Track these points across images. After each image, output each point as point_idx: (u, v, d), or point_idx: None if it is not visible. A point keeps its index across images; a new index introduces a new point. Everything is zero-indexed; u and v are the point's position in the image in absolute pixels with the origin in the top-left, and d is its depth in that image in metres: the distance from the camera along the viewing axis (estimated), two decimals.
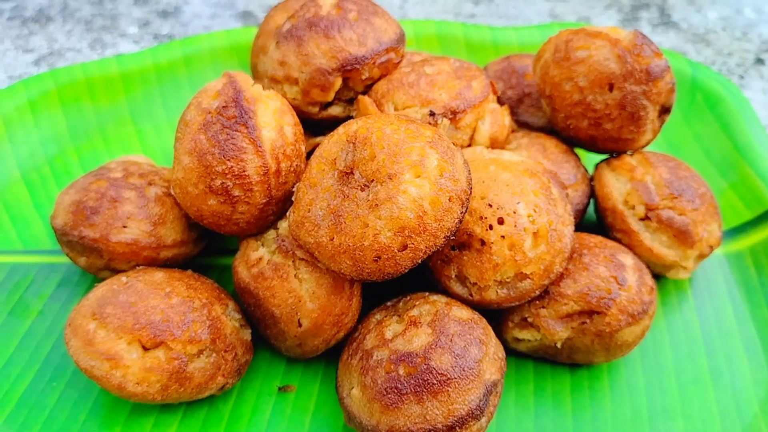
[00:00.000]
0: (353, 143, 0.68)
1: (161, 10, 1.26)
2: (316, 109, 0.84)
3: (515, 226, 0.70)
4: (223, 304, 0.74)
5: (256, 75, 1.02)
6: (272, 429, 0.74)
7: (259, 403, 0.77)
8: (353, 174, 0.67)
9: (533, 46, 1.13)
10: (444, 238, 0.65)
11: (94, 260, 0.77)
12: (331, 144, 0.70)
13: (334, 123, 0.87)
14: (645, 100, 0.82)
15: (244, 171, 0.70)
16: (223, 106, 0.72)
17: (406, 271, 0.65)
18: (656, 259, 0.83)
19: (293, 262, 0.73)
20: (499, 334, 0.79)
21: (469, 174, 0.68)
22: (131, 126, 1.03)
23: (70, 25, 1.22)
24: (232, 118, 0.71)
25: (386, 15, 0.86)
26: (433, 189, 0.63)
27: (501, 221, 0.70)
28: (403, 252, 0.64)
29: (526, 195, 0.72)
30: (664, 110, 0.85)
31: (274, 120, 0.73)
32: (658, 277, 0.88)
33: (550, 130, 0.95)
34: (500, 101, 0.98)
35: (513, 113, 0.98)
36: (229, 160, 0.70)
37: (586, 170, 0.90)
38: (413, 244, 0.63)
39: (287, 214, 0.73)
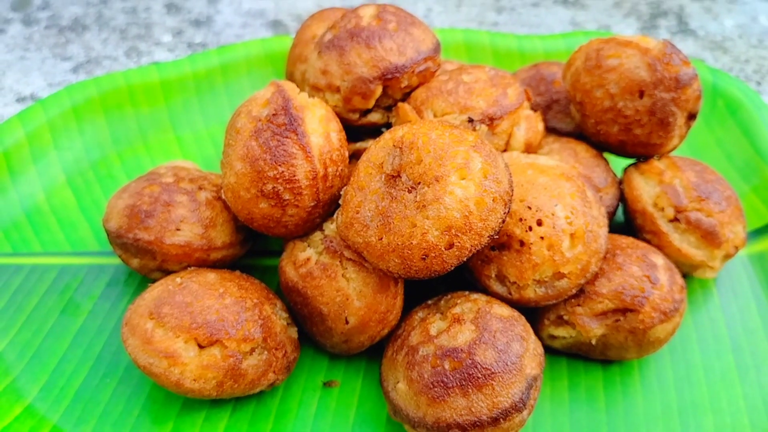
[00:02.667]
0: (400, 148, 0.71)
1: (194, 20, 1.30)
2: (356, 116, 0.87)
3: (554, 227, 0.73)
4: (272, 303, 0.77)
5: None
6: (318, 423, 0.77)
7: (305, 398, 0.80)
8: (400, 177, 0.70)
9: (558, 54, 1.16)
10: (488, 237, 0.68)
11: (147, 261, 0.80)
12: (378, 149, 0.74)
13: (373, 129, 0.91)
14: (674, 107, 0.85)
15: (294, 176, 0.73)
16: (273, 114, 0.75)
17: (452, 269, 0.69)
18: (684, 259, 0.86)
19: (341, 262, 0.76)
20: (536, 332, 0.82)
21: (510, 176, 0.71)
22: (171, 132, 1.07)
23: (106, 34, 1.26)
24: (282, 125, 0.74)
25: (423, 25, 0.90)
26: (478, 190, 0.66)
27: (540, 223, 0.73)
28: (450, 250, 0.67)
29: (563, 198, 0.75)
30: (691, 116, 0.88)
31: (321, 127, 0.76)
32: (684, 276, 0.91)
33: (578, 135, 0.98)
34: (533, 108, 1.01)
35: (542, 119, 1.01)
36: (280, 165, 0.73)
37: (615, 174, 0.93)
38: (459, 242, 0.67)
39: (335, 215, 0.76)
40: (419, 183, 0.68)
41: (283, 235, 0.80)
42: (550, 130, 1.01)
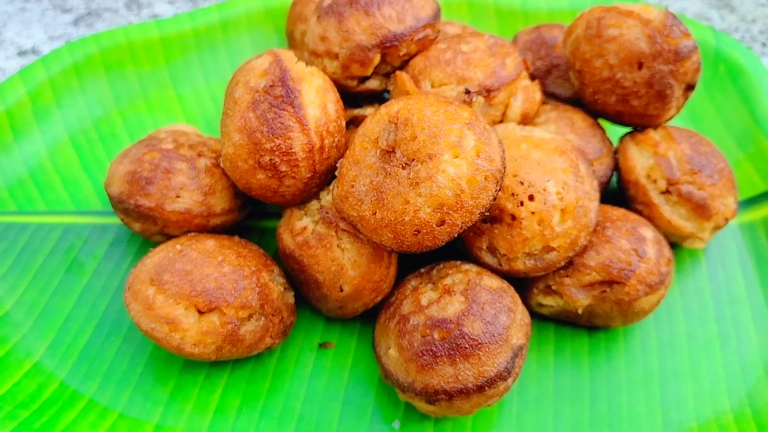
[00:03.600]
0: (395, 123, 0.72)
1: None
2: (354, 83, 0.87)
3: (545, 203, 0.75)
4: (270, 270, 0.80)
5: (292, 43, 1.06)
6: (313, 382, 0.81)
7: (301, 358, 0.83)
8: (395, 153, 0.71)
9: (562, 14, 1.15)
10: (479, 213, 0.70)
11: (149, 226, 0.83)
12: (373, 124, 0.74)
13: (371, 95, 0.91)
14: (672, 79, 0.85)
15: (291, 148, 0.75)
16: (270, 85, 0.75)
17: (443, 244, 0.71)
18: (674, 230, 0.87)
19: (336, 232, 0.78)
20: (525, 300, 0.85)
21: (503, 153, 0.72)
22: (172, 90, 1.07)
23: None
24: (279, 97, 0.75)
25: None
26: (471, 168, 0.68)
27: (531, 198, 0.75)
28: (441, 227, 0.69)
29: (555, 173, 0.76)
30: (689, 87, 0.88)
31: (317, 98, 0.77)
32: (673, 245, 0.93)
33: (576, 101, 0.99)
34: (533, 75, 1.01)
35: (541, 84, 1.01)
36: (277, 138, 0.74)
37: (611, 143, 0.94)
38: (450, 219, 0.68)
39: (331, 187, 0.78)
40: (413, 160, 0.69)
41: (280, 203, 0.82)
42: (549, 95, 1.01)
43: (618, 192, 0.96)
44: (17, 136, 0.99)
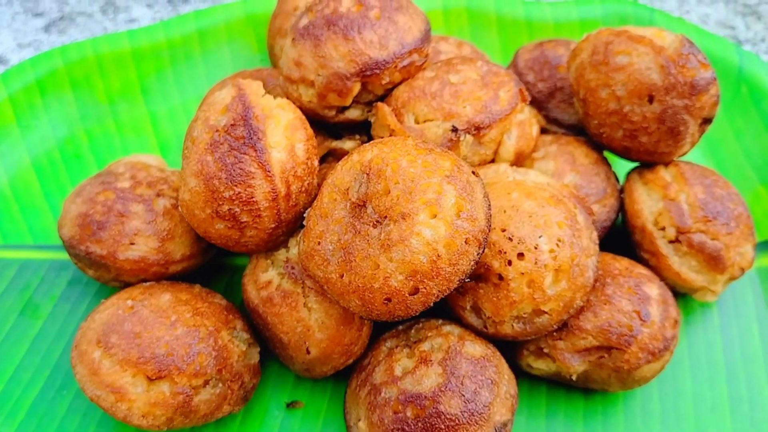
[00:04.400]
0: (367, 174, 0.64)
1: None
2: (332, 113, 0.79)
3: (536, 262, 0.66)
4: (231, 327, 0.72)
5: (273, 58, 0.97)
6: None
7: (267, 420, 0.76)
8: (366, 207, 0.63)
9: (570, 25, 1.05)
10: (458, 281, 0.62)
11: (102, 273, 0.76)
12: (344, 172, 0.66)
13: (352, 125, 0.83)
14: (686, 115, 0.76)
15: (252, 197, 0.67)
16: (232, 125, 0.68)
17: (418, 313, 0.63)
18: (683, 284, 0.79)
19: (302, 290, 0.70)
20: (513, 359, 0.77)
21: (489, 209, 0.64)
22: (143, 108, 0.99)
23: None
24: (240, 138, 0.67)
25: (411, 8, 0.80)
26: (449, 231, 0.60)
27: (521, 256, 0.67)
28: (415, 296, 0.61)
29: (549, 227, 0.68)
30: (706, 121, 0.79)
31: (285, 138, 0.69)
32: (683, 295, 0.84)
33: (581, 128, 0.90)
34: (532, 97, 0.92)
35: (543, 108, 0.92)
36: (236, 185, 0.66)
37: (617, 179, 0.85)
38: (425, 288, 0.61)
39: (298, 239, 0.70)
40: (385, 217, 0.61)
41: (245, 252, 0.74)
42: (552, 121, 0.92)
43: (623, 233, 0.87)
44: None
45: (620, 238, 0.85)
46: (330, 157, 0.84)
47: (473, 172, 0.66)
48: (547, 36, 1.05)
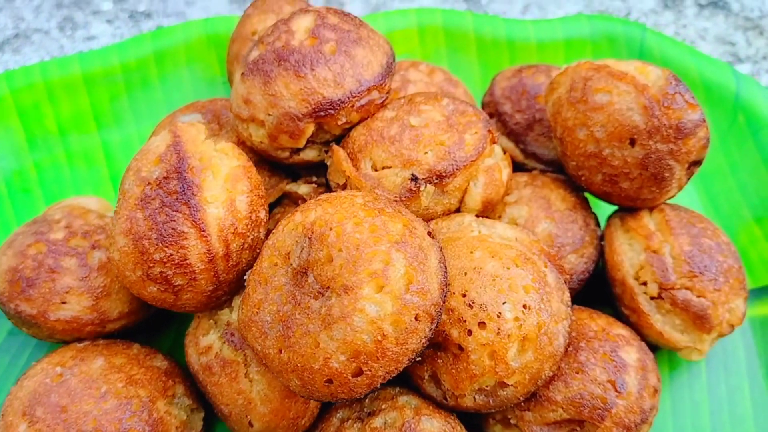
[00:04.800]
0: (309, 237, 0.58)
1: None
2: (286, 154, 0.73)
3: (498, 332, 0.60)
4: (169, 395, 0.67)
5: (233, 86, 0.90)
6: None
7: None
8: (307, 276, 0.57)
9: (554, 45, 0.97)
10: (408, 360, 0.56)
11: (36, 332, 0.70)
12: (285, 234, 0.60)
13: (309, 165, 0.76)
14: (671, 160, 0.69)
15: (185, 259, 0.61)
16: (165, 177, 0.61)
17: (362, 395, 0.57)
18: (666, 343, 0.72)
19: (244, 359, 0.64)
20: (479, 426, 0.71)
21: (445, 276, 0.58)
22: (96, 137, 0.92)
23: (39, 0, 1.09)
24: (173, 193, 0.61)
25: (372, 40, 0.73)
26: (397, 306, 0.54)
27: (482, 325, 0.60)
28: (358, 378, 0.55)
29: (514, 291, 0.61)
30: (694, 164, 0.72)
31: (224, 192, 0.63)
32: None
33: (560, 165, 0.83)
34: (508, 129, 0.85)
35: (520, 141, 0.85)
36: (168, 246, 0.60)
37: (596, 226, 0.78)
38: (370, 370, 0.55)
39: (238, 303, 0.64)
40: (327, 288, 0.55)
41: (185, 312, 0.68)
42: (530, 156, 0.85)
43: (604, 280, 0.80)
44: None
45: (600, 287, 0.79)
46: (286, 200, 0.78)
47: (429, 233, 0.59)
48: (529, 57, 0.97)
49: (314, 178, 0.77)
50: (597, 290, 0.79)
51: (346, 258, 0.55)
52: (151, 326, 0.80)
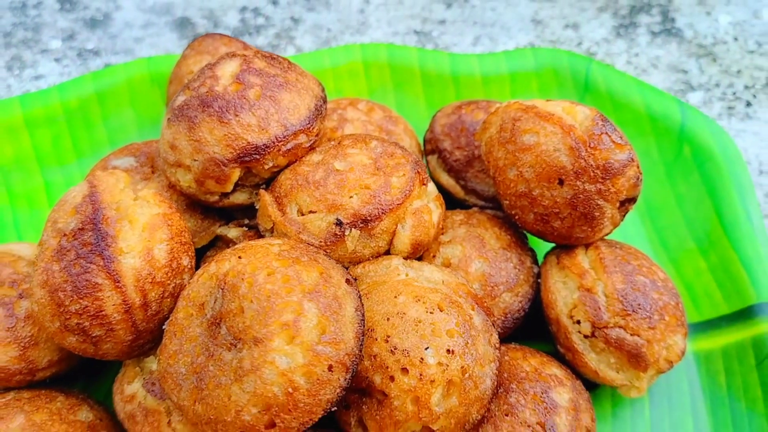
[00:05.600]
0: (222, 289, 0.57)
1: (89, 18, 1.12)
2: (215, 198, 0.72)
3: (420, 377, 0.59)
4: None
5: (162, 130, 0.90)
6: None
7: None
8: (221, 327, 0.56)
9: (499, 78, 0.97)
10: (323, 411, 0.55)
11: None
12: (199, 285, 0.60)
13: (242, 207, 0.76)
14: (600, 200, 0.69)
15: (101, 310, 0.60)
16: (80, 229, 0.61)
17: None
18: (603, 382, 0.72)
19: (166, 408, 0.63)
20: None
21: (362, 325, 0.57)
22: (39, 177, 0.92)
23: None
24: (87, 245, 0.60)
25: (300, 83, 0.73)
26: (308, 358, 0.53)
27: (405, 371, 0.59)
28: (271, 430, 0.54)
29: (438, 336, 0.60)
30: (628, 200, 0.72)
31: (141, 242, 0.62)
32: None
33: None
34: (448, 165, 0.85)
35: (461, 178, 0.85)
36: (82, 298, 0.59)
37: (533, 260, 0.78)
38: (282, 422, 0.54)
39: (157, 353, 0.63)
40: (239, 340, 0.55)
41: (110, 359, 0.67)
42: (470, 192, 0.85)
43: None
44: None
45: (541, 323, 0.78)
46: (220, 242, 0.77)
47: (347, 281, 0.59)
48: (475, 91, 0.97)
49: (246, 221, 0.77)
50: (538, 327, 0.78)
51: (257, 309, 0.54)
52: (89, 370, 0.79)
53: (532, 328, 0.78)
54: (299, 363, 0.53)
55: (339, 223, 0.66)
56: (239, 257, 0.59)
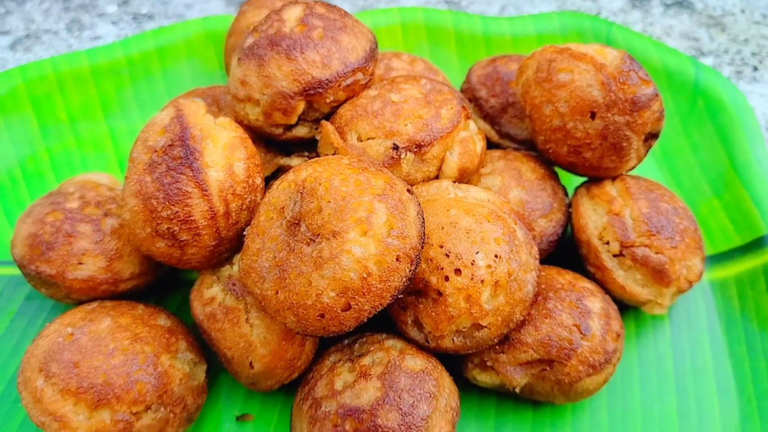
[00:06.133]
0: (301, 192, 0.65)
1: None
2: (279, 130, 0.80)
3: (472, 278, 0.67)
4: (172, 350, 0.73)
5: (231, 70, 0.98)
6: None
7: None
8: (300, 226, 0.64)
9: (527, 39, 1.06)
10: (391, 297, 0.62)
11: (54, 292, 0.77)
12: (279, 191, 0.67)
13: (301, 142, 0.84)
14: (628, 131, 0.76)
15: (190, 216, 0.67)
16: (169, 145, 0.68)
17: (352, 329, 0.64)
18: (629, 297, 0.79)
19: (245, 306, 0.71)
20: (460, 371, 0.78)
21: (422, 226, 0.65)
22: (104, 125, 1.00)
23: (48, 3, 1.17)
24: (177, 159, 0.68)
25: (356, 28, 0.81)
26: (379, 248, 0.61)
27: (458, 272, 0.67)
28: (347, 312, 0.62)
29: (486, 243, 0.68)
30: (651, 136, 0.80)
31: (223, 158, 0.70)
32: (633, 308, 0.85)
33: (533, 143, 0.90)
34: (484, 112, 0.93)
35: (495, 123, 0.92)
36: (173, 205, 0.67)
37: (565, 193, 0.85)
38: (357, 305, 0.61)
39: (239, 256, 0.71)
40: (318, 235, 0.62)
41: (191, 268, 0.75)
42: (504, 136, 0.93)
43: (573, 246, 0.87)
44: None
45: (570, 251, 0.86)
46: (280, 173, 0.85)
47: (408, 190, 0.66)
48: (505, 51, 1.05)
49: (306, 153, 0.84)
50: (566, 257, 0.86)
51: (334, 208, 0.62)
52: (159, 289, 0.87)
53: (558, 258, 0.86)
54: (372, 252, 0.60)
55: (395, 147, 0.74)
56: (315, 167, 0.66)
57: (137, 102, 1.02)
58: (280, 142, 0.84)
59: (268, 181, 0.85)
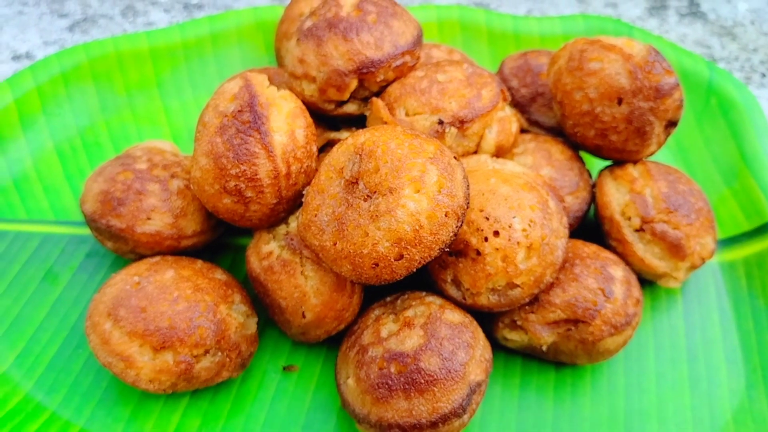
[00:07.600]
0: (360, 155, 0.72)
1: None
2: (332, 106, 0.87)
3: (509, 239, 0.74)
4: (229, 301, 0.79)
5: (280, 60, 1.06)
6: (275, 405, 0.81)
7: (265, 381, 0.83)
8: (358, 184, 0.71)
9: (554, 38, 1.14)
10: (439, 249, 0.69)
11: (120, 246, 0.83)
12: (339, 153, 0.74)
13: (349, 119, 0.91)
14: (652, 116, 0.84)
15: (256, 174, 0.75)
16: (239, 111, 0.76)
17: (402, 277, 0.70)
18: (647, 269, 0.86)
19: (300, 259, 0.78)
20: (490, 332, 0.85)
21: (467, 189, 0.72)
22: (159, 101, 1.08)
23: None
24: (246, 122, 0.75)
25: (405, 15, 0.88)
26: (431, 204, 0.67)
27: (496, 234, 0.74)
28: (399, 261, 0.68)
29: (522, 209, 0.75)
30: (671, 124, 0.87)
31: (286, 124, 0.77)
32: (649, 283, 0.92)
33: (559, 131, 0.98)
34: (515, 101, 1.00)
35: (525, 111, 1.00)
36: (242, 164, 0.74)
37: (589, 175, 0.93)
38: (409, 254, 0.68)
39: (297, 214, 0.78)
40: (375, 192, 0.69)
41: (249, 226, 0.82)
42: (533, 124, 1.00)
43: (596, 226, 0.94)
44: (2, 143, 1.00)
45: (592, 229, 0.93)
46: (328, 147, 0.92)
47: (455, 157, 0.74)
48: (532, 48, 1.13)
49: (353, 129, 0.92)
50: (588, 235, 0.93)
51: (390, 167, 0.69)
52: (212, 254, 0.94)
53: (582, 235, 0.93)
54: (424, 207, 0.67)
55: (440, 122, 0.81)
56: (372, 132, 0.74)
57: (190, 82, 1.09)
58: (329, 119, 0.91)
59: (319, 152, 0.93)
